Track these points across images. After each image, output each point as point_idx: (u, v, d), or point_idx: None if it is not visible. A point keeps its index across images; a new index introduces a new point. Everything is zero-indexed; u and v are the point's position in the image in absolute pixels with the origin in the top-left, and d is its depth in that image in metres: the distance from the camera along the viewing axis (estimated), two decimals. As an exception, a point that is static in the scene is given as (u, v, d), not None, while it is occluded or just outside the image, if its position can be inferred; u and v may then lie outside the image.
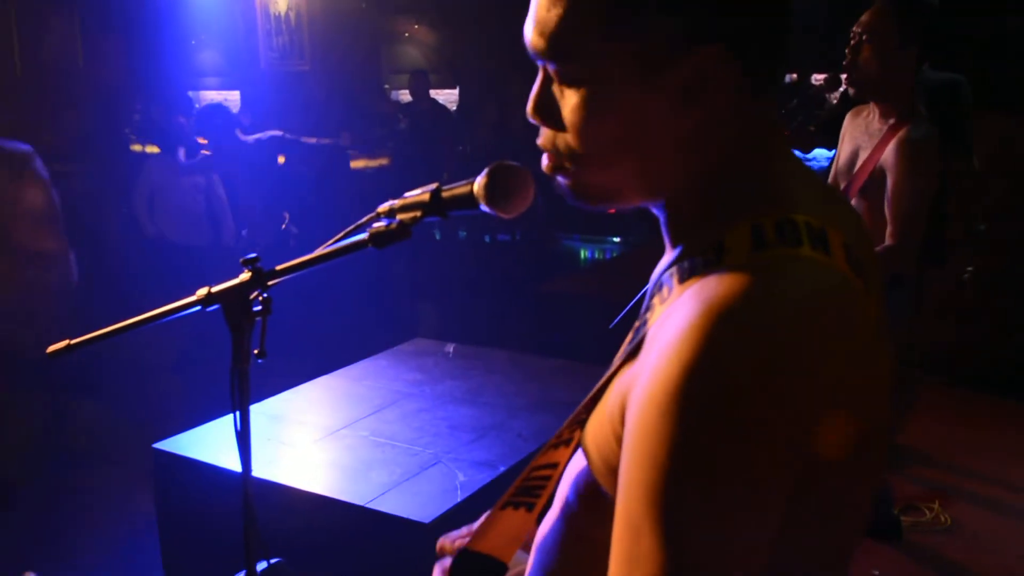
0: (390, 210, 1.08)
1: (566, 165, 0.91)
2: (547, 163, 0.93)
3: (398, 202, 1.08)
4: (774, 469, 0.74)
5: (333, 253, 1.13)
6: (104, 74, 8.68)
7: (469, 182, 1.03)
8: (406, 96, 9.36)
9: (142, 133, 8.79)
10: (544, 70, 0.91)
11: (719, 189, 0.87)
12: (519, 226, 8.26)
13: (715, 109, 0.84)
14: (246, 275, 1.19)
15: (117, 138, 6.77)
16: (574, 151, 0.89)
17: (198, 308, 1.23)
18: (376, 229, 1.09)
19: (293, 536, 2.74)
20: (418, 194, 1.07)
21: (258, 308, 1.21)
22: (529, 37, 0.89)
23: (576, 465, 1.01)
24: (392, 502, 2.67)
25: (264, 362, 1.25)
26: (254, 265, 1.19)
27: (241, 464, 1.30)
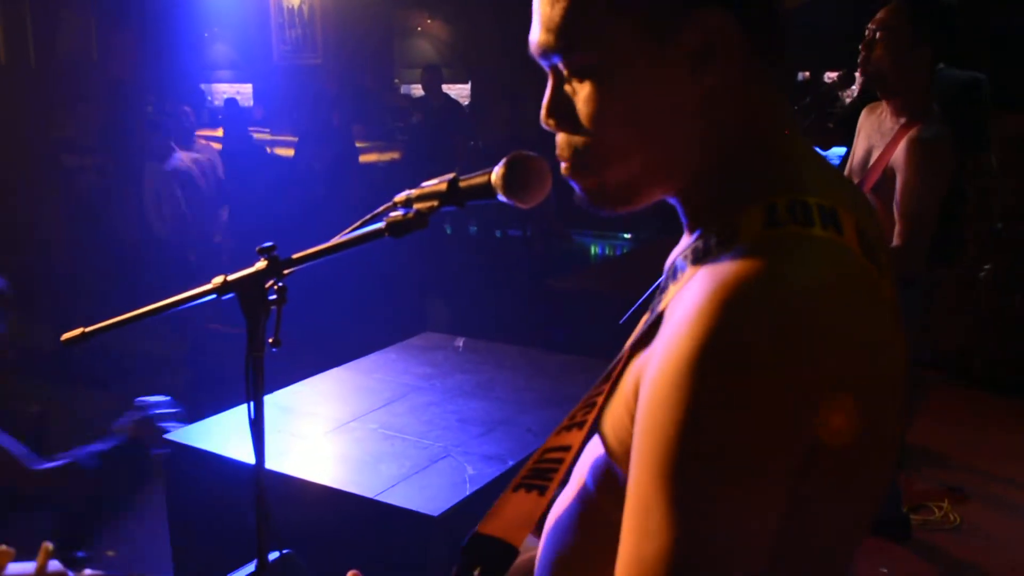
0: (407, 199, 1.09)
1: (584, 168, 0.92)
2: (566, 167, 0.94)
3: (415, 192, 1.09)
4: (784, 444, 0.75)
5: (350, 242, 1.13)
6: (117, 67, 8.71)
7: (487, 172, 1.03)
8: (418, 90, 9.36)
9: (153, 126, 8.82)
10: (554, 73, 0.92)
11: (733, 170, 0.88)
12: (530, 221, 8.26)
13: (725, 78, 0.85)
14: (262, 263, 1.19)
15: (131, 130, 6.79)
16: (591, 148, 0.90)
17: (213, 297, 1.23)
18: (393, 218, 1.09)
19: (302, 528, 2.75)
20: (435, 184, 1.07)
21: (273, 297, 1.21)
22: (536, 38, 0.90)
23: (593, 450, 1.01)
24: (401, 495, 2.68)
25: (274, 354, 1.26)
26: (270, 254, 1.19)
27: (255, 454, 1.30)
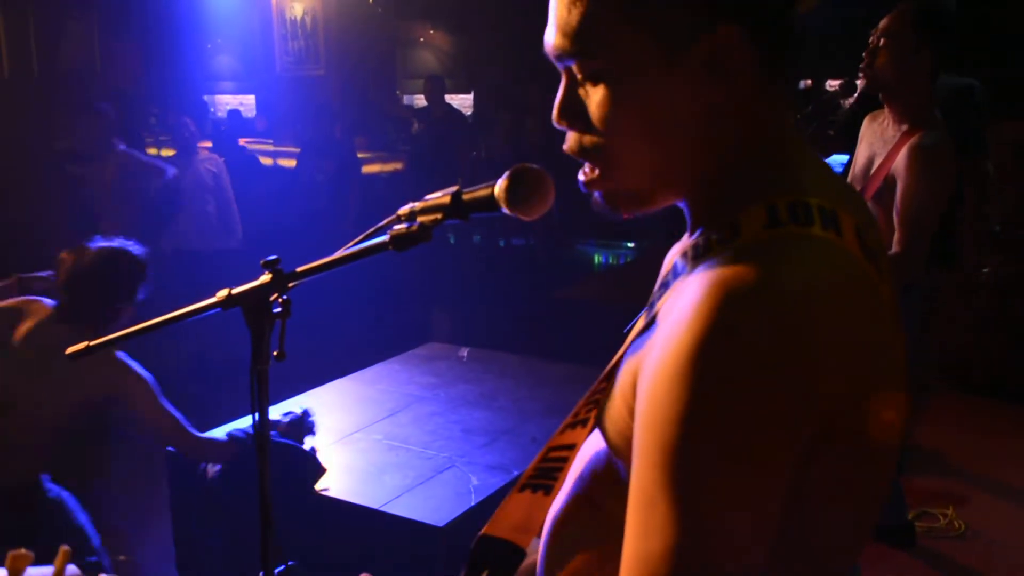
0: (410, 212, 1.09)
1: (597, 172, 0.93)
2: (583, 178, 0.95)
3: (419, 204, 1.09)
4: (783, 440, 0.75)
5: (353, 255, 1.14)
6: (121, 77, 8.74)
7: (490, 184, 1.03)
8: (421, 101, 9.37)
9: (158, 137, 8.84)
10: (568, 74, 0.92)
11: (737, 175, 0.89)
12: (533, 231, 8.26)
13: (734, 90, 0.86)
14: (266, 277, 1.20)
15: (133, 141, 6.80)
16: (602, 148, 0.91)
17: (218, 310, 1.24)
18: (397, 231, 1.09)
19: (307, 539, 2.76)
20: (439, 196, 1.08)
21: (277, 310, 1.21)
22: (552, 41, 0.90)
23: (591, 443, 1.02)
24: (406, 505, 2.68)
25: (279, 365, 1.26)
26: (274, 267, 1.20)
27: (259, 465, 1.30)
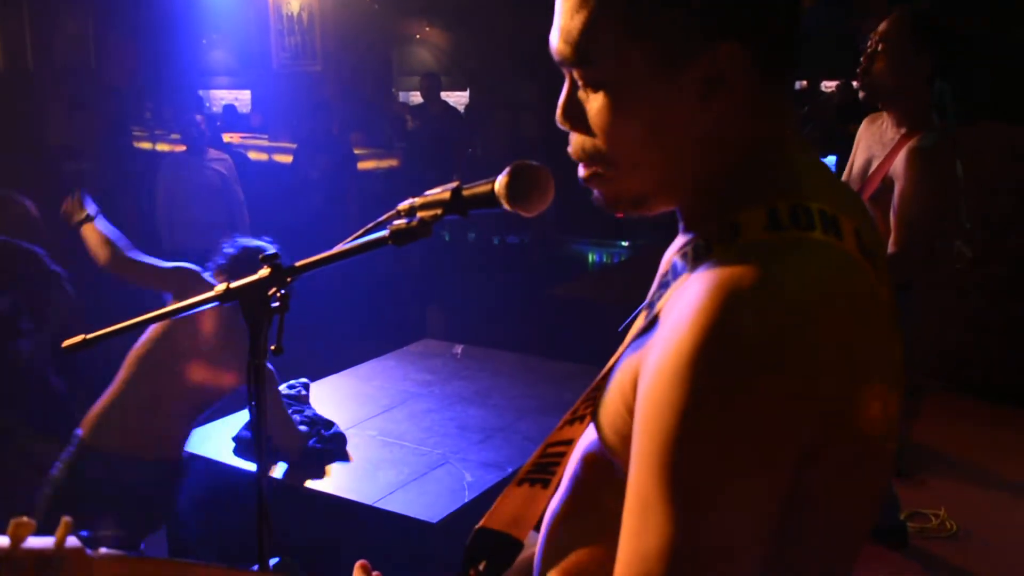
0: (410, 208, 1.09)
1: (599, 172, 0.93)
2: (583, 173, 0.95)
3: (418, 200, 1.09)
4: (782, 442, 0.75)
5: (353, 250, 1.14)
6: (116, 73, 8.72)
7: (490, 180, 1.04)
8: (417, 98, 9.37)
9: (153, 131, 8.84)
10: (570, 77, 0.93)
11: (737, 179, 0.89)
12: (528, 229, 8.27)
13: (733, 102, 0.87)
14: (265, 271, 1.20)
15: (129, 137, 6.80)
16: (602, 153, 0.91)
17: (216, 304, 1.24)
18: (397, 226, 1.10)
19: (301, 534, 2.76)
20: (438, 192, 1.08)
21: (275, 304, 1.21)
22: (555, 45, 0.91)
23: (588, 439, 1.02)
24: (400, 501, 2.68)
25: (275, 360, 1.26)
26: (273, 261, 1.20)
27: (256, 460, 1.30)
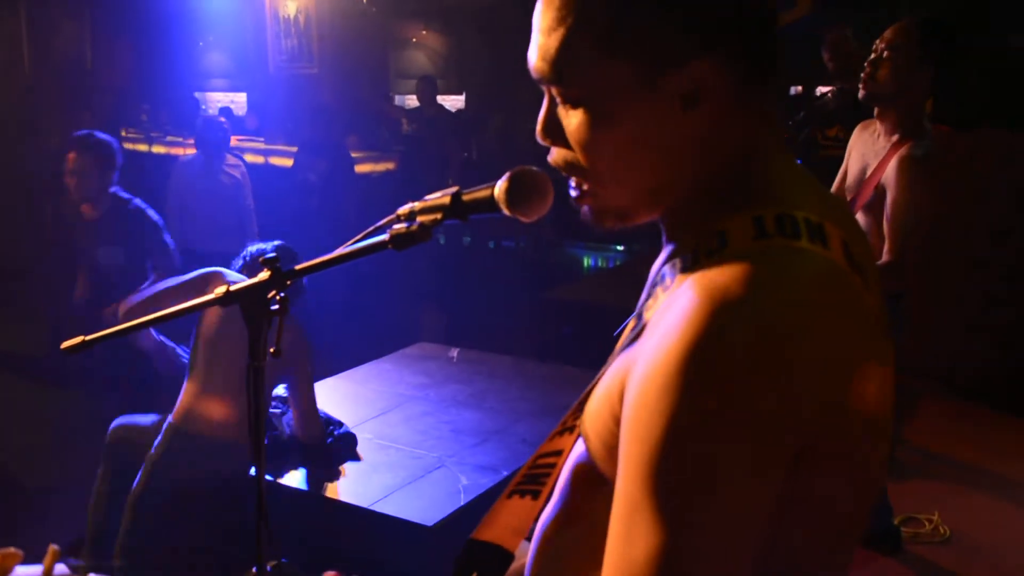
0: (410, 212, 1.10)
1: (584, 188, 0.95)
2: (573, 192, 0.97)
3: (418, 204, 1.10)
4: (769, 452, 0.76)
5: (353, 253, 1.15)
6: (113, 75, 8.72)
7: (490, 186, 1.05)
8: (413, 101, 9.38)
9: (149, 133, 8.83)
10: (549, 94, 0.95)
11: (720, 189, 0.90)
12: (524, 232, 8.27)
13: (712, 116, 0.88)
14: (265, 274, 1.21)
15: (126, 139, 6.81)
16: (583, 168, 0.93)
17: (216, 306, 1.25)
18: (397, 230, 1.11)
19: (297, 537, 2.76)
20: (438, 197, 1.09)
21: (275, 307, 1.22)
22: (533, 63, 0.93)
23: (577, 449, 1.03)
24: (396, 505, 2.69)
25: (270, 363, 1.27)
26: (273, 264, 1.21)
27: (254, 461, 1.31)
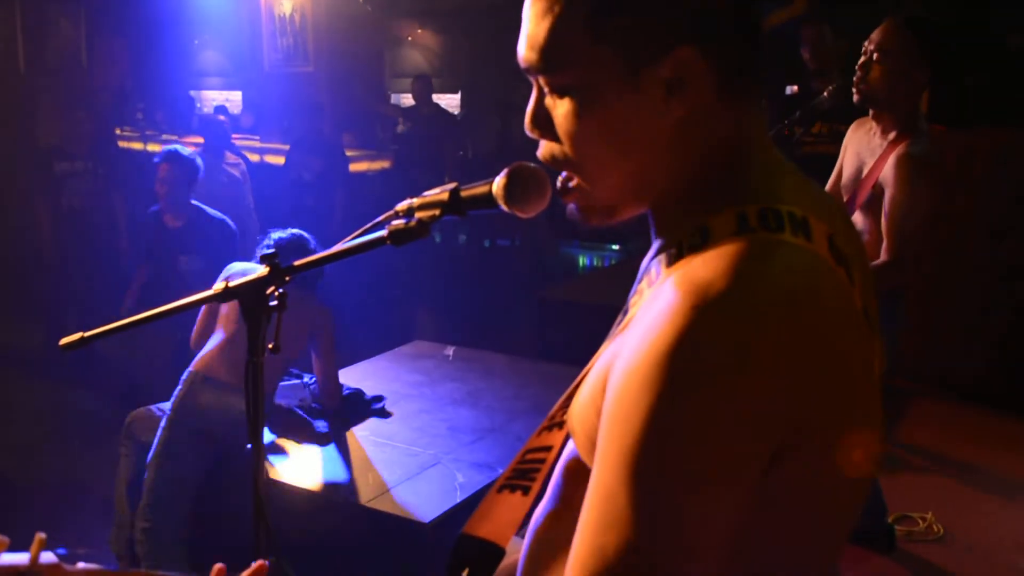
0: (408, 208, 1.11)
1: (571, 184, 0.96)
2: (560, 186, 0.98)
3: (416, 200, 1.11)
4: (748, 445, 0.77)
5: (351, 250, 1.16)
6: (108, 74, 8.71)
7: (488, 182, 1.06)
8: (408, 100, 9.37)
9: (144, 131, 8.81)
10: (537, 85, 0.96)
11: (704, 183, 0.91)
12: (519, 231, 8.28)
13: (696, 107, 0.89)
14: (264, 270, 1.22)
15: (121, 137, 6.81)
16: (570, 159, 0.94)
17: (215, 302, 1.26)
18: (395, 227, 1.12)
19: (293, 534, 2.77)
20: (437, 193, 1.10)
21: (274, 303, 1.23)
22: (522, 53, 0.94)
23: (569, 445, 1.04)
24: (392, 502, 2.70)
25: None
26: (272, 261, 1.22)
27: (253, 456, 1.32)
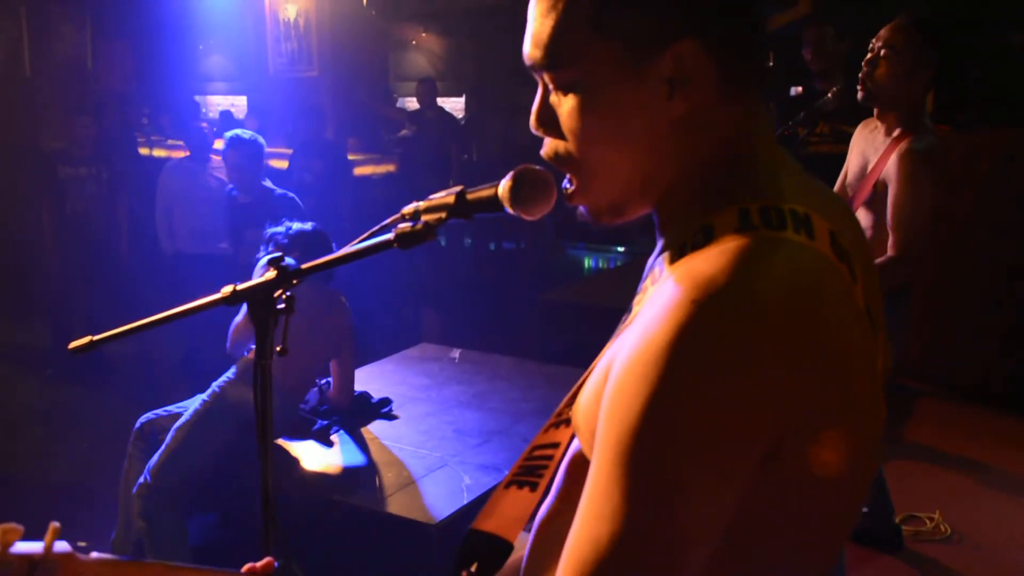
0: (415, 211, 1.12)
1: (575, 185, 0.96)
2: (566, 189, 0.98)
3: (423, 203, 1.12)
4: (746, 441, 0.78)
5: (359, 252, 1.16)
6: (113, 78, 8.73)
7: (494, 185, 1.06)
8: (412, 103, 9.38)
9: (150, 136, 8.83)
10: (542, 83, 0.97)
11: (707, 181, 0.92)
12: (524, 234, 8.29)
13: (699, 102, 0.89)
14: (271, 273, 1.22)
15: (126, 142, 6.83)
16: (574, 156, 0.94)
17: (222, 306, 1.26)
18: (402, 230, 1.12)
19: (301, 536, 2.78)
20: (443, 196, 1.11)
21: (281, 306, 1.24)
22: (527, 51, 0.95)
23: (574, 442, 1.05)
24: (399, 504, 2.71)
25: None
26: (279, 264, 1.22)
27: (261, 459, 1.33)
